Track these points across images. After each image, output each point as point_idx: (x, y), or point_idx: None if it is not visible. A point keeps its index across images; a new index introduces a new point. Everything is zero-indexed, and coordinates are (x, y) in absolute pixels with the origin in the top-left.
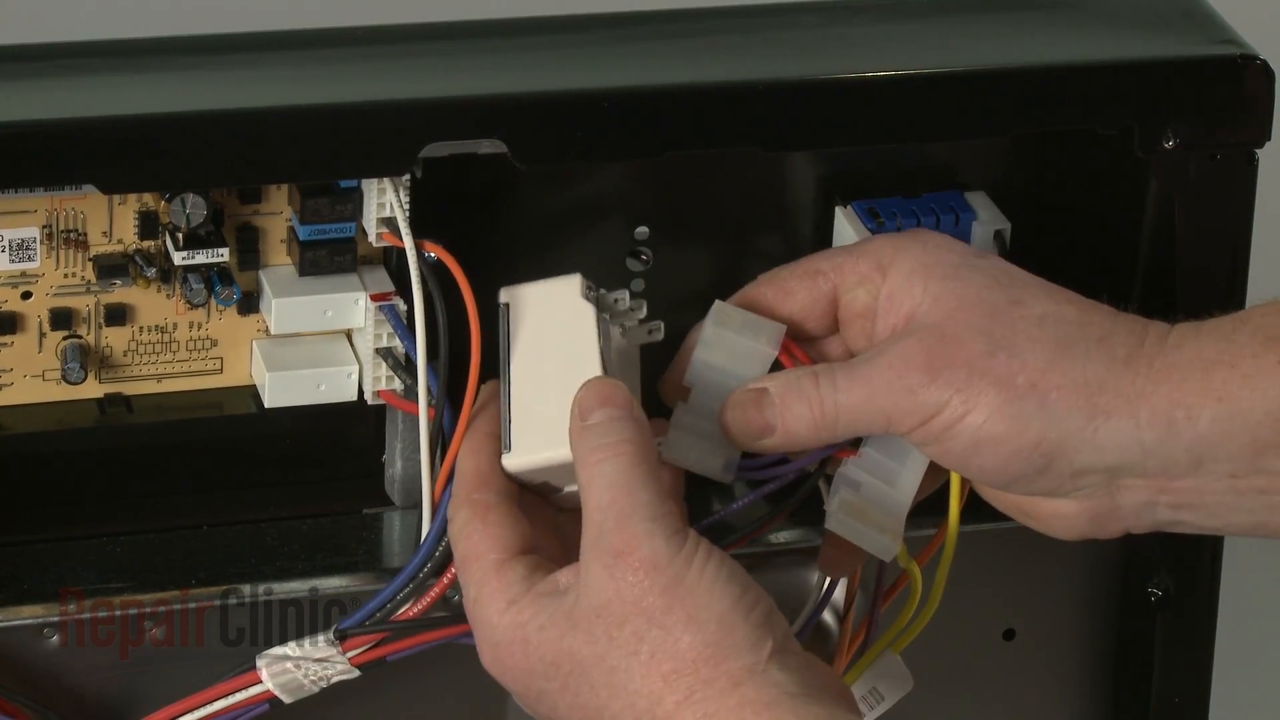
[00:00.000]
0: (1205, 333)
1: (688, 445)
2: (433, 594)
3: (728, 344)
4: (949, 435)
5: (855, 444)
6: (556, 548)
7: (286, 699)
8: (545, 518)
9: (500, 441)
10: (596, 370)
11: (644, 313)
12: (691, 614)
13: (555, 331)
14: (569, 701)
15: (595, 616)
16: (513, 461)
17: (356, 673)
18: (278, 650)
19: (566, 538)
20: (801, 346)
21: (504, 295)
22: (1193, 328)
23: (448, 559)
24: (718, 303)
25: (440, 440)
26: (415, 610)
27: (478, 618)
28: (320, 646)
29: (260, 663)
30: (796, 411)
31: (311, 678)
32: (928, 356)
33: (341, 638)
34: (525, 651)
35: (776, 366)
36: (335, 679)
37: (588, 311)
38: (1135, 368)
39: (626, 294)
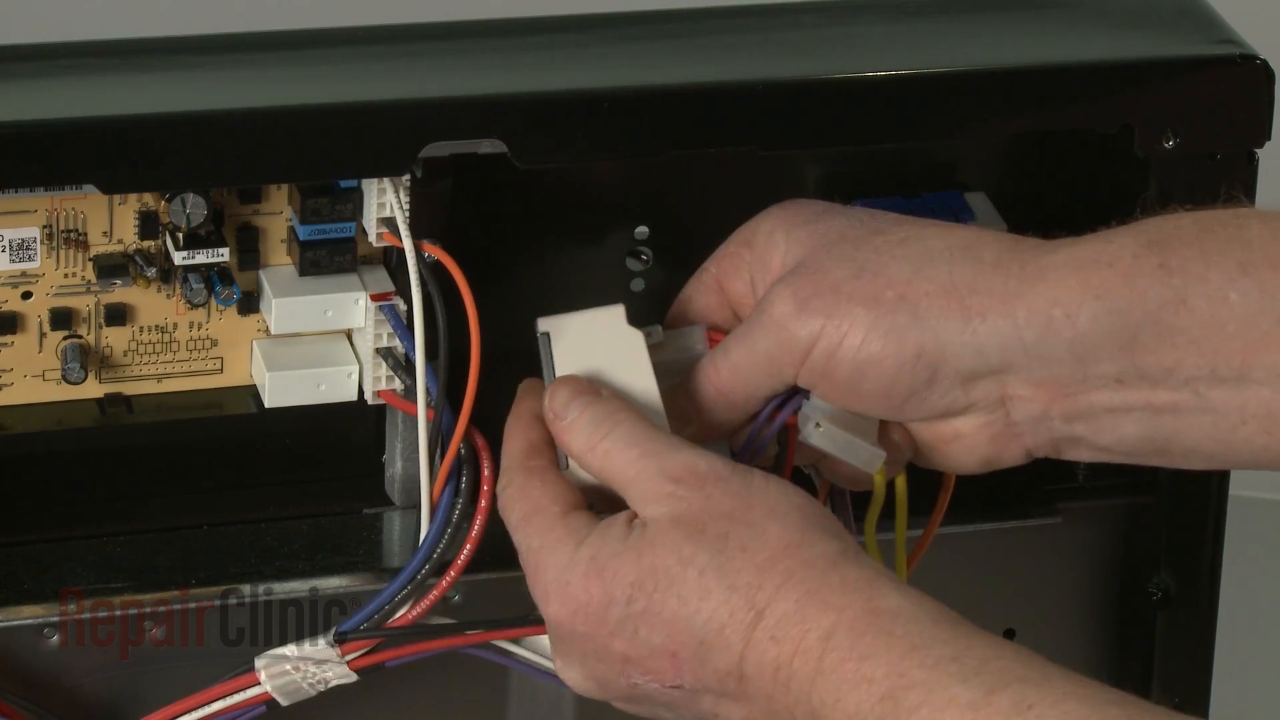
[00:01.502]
0: (1084, 240)
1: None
2: (432, 596)
3: (665, 367)
4: (831, 365)
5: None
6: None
7: (284, 701)
8: None
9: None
10: (655, 395)
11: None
12: (770, 507)
13: (604, 357)
14: (653, 622)
15: (673, 528)
16: (573, 474)
17: (354, 677)
18: (276, 652)
19: None
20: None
21: (543, 325)
22: (1071, 238)
23: (447, 560)
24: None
25: (440, 440)
26: (415, 613)
27: (543, 563)
28: (320, 649)
29: (259, 664)
30: (702, 390)
31: (310, 680)
32: (794, 290)
33: (341, 640)
34: (602, 580)
35: None
36: (333, 682)
37: (637, 340)
38: (1006, 270)
39: (659, 328)
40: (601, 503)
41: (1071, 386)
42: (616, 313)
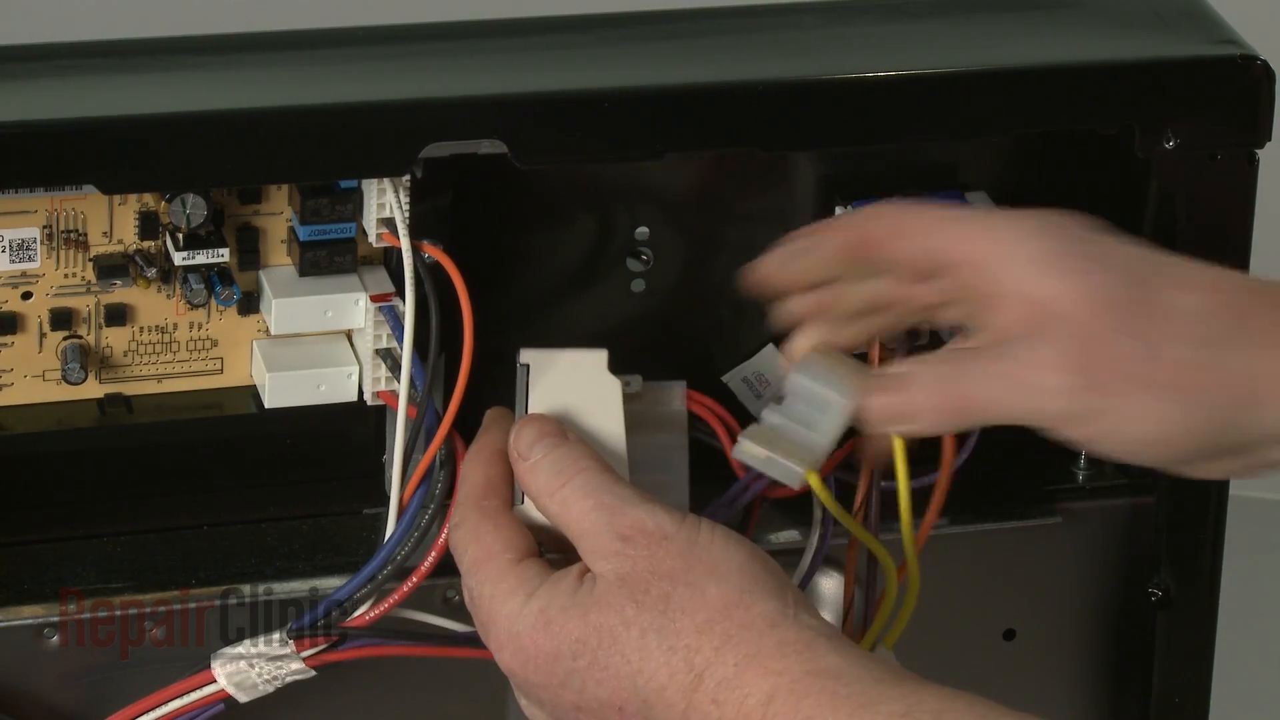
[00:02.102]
0: None
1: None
2: (392, 600)
3: (638, 418)
4: (1109, 438)
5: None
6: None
7: (242, 697)
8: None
9: (506, 458)
10: (621, 444)
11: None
12: (711, 567)
13: (579, 400)
14: (598, 677)
15: (618, 588)
16: (528, 511)
17: (312, 673)
18: (232, 650)
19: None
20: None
21: (525, 356)
22: None
23: (409, 565)
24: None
25: (422, 440)
26: (373, 614)
27: (495, 613)
28: (274, 645)
29: (215, 662)
30: (933, 400)
31: (265, 677)
32: (1078, 361)
33: (294, 636)
34: (550, 634)
35: None
36: (290, 678)
37: (614, 388)
38: None
39: (639, 378)
40: (551, 543)
41: None
42: (599, 357)
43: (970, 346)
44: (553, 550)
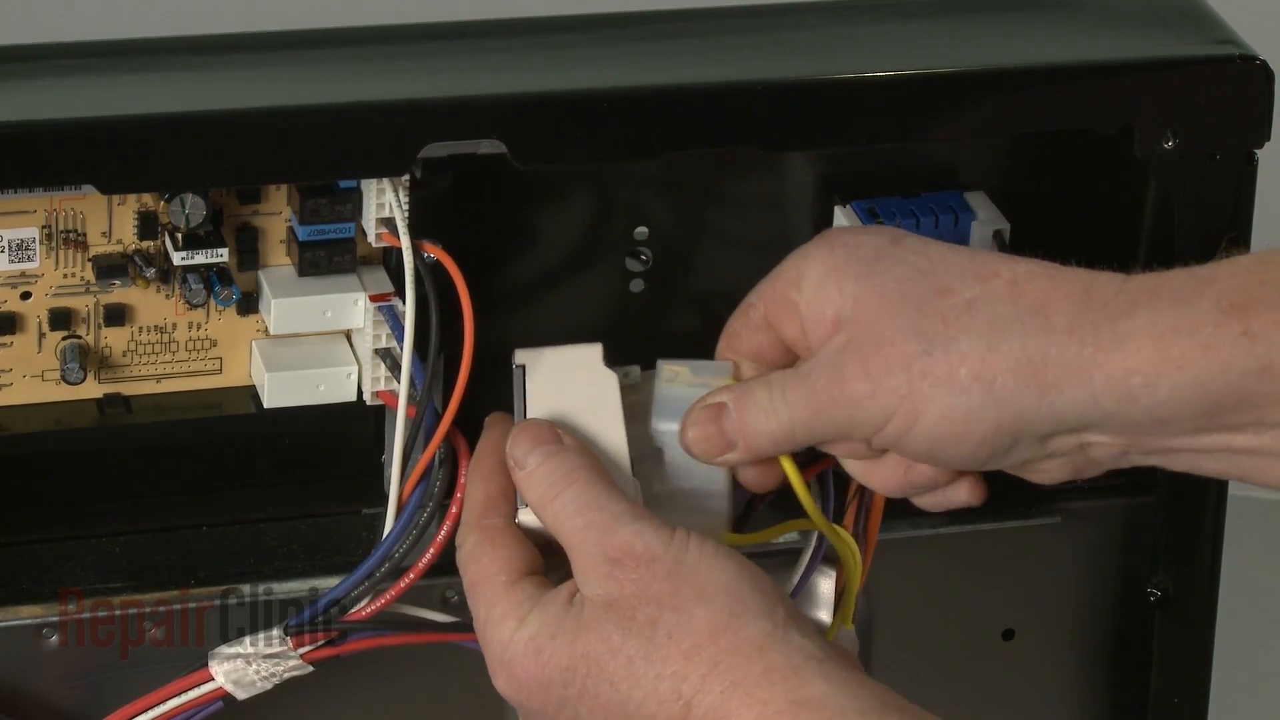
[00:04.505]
0: (1164, 297)
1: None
2: (389, 595)
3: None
4: (907, 439)
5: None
6: (565, 570)
7: (240, 695)
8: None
9: (506, 467)
10: (621, 440)
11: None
12: (699, 590)
13: (576, 397)
14: (589, 705)
15: (605, 613)
16: (528, 517)
17: (310, 669)
18: (230, 649)
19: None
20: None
21: (520, 357)
22: (1149, 291)
23: (406, 564)
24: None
25: (422, 439)
26: (369, 610)
27: (489, 638)
28: (272, 643)
29: (212, 660)
30: (755, 426)
31: (263, 674)
32: (865, 366)
33: (291, 633)
34: (540, 662)
35: None
36: (287, 675)
37: (611, 382)
38: (1080, 336)
39: (637, 369)
40: (555, 548)
41: (1150, 438)
42: (594, 352)
43: (794, 368)
44: (557, 553)
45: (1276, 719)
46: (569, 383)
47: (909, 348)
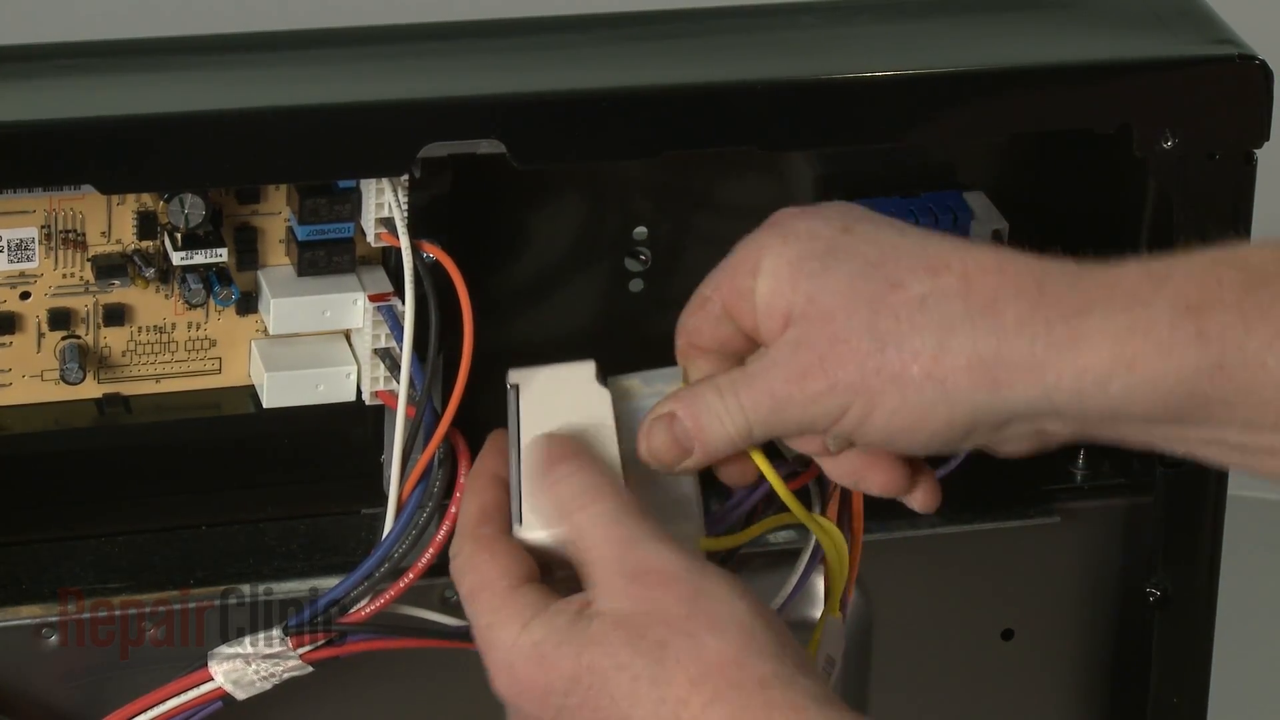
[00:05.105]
0: (1119, 296)
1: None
2: (389, 595)
3: (637, 413)
4: (862, 431)
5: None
6: (564, 588)
7: (240, 695)
8: None
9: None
10: (615, 458)
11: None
12: (714, 620)
13: (570, 414)
14: (588, 716)
15: (615, 630)
16: (526, 533)
17: (309, 669)
18: (229, 649)
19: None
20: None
21: (513, 377)
22: (1104, 286)
23: (405, 563)
24: (611, 379)
25: (421, 439)
26: (369, 611)
27: (491, 642)
28: (271, 643)
29: (212, 660)
30: (711, 430)
31: (262, 674)
32: (820, 363)
33: (290, 633)
34: (543, 669)
35: None
36: (286, 675)
37: (604, 399)
38: (1032, 333)
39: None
40: (552, 564)
41: (1105, 428)
42: (587, 369)
43: (744, 368)
44: (557, 570)
45: (1276, 719)
46: (563, 401)
47: (863, 345)
